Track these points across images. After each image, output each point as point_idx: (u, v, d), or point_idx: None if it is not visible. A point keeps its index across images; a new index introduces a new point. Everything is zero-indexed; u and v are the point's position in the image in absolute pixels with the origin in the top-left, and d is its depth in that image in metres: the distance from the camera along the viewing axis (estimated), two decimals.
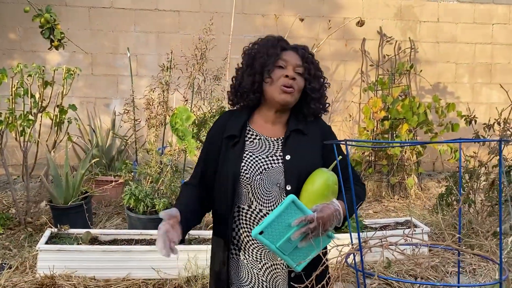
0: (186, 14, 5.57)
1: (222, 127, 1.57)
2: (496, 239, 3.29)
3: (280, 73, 1.49)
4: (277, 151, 1.52)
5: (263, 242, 1.31)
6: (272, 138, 1.56)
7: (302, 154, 1.51)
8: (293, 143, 1.52)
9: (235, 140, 1.52)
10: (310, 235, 1.32)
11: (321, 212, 1.35)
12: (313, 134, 1.55)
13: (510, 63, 6.32)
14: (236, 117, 1.57)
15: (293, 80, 1.49)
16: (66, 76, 3.96)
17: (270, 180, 1.49)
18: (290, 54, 1.52)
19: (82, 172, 3.88)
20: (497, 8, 6.20)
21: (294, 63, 1.51)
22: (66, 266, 2.91)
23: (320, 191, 1.42)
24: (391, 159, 5.20)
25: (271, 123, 1.57)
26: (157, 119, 3.81)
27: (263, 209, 1.49)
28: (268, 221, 1.29)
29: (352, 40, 5.92)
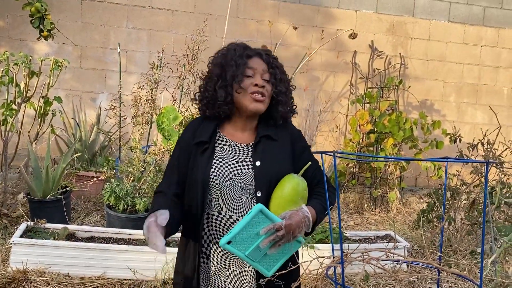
0: (180, 14, 5.54)
1: (192, 133, 1.56)
2: (473, 258, 3.32)
3: (249, 82, 1.50)
4: (247, 157, 1.52)
5: (232, 251, 1.30)
6: (242, 144, 1.55)
7: (272, 160, 1.51)
8: (263, 149, 1.52)
9: (205, 147, 1.51)
10: (279, 242, 1.33)
11: (290, 219, 1.34)
12: (283, 139, 1.56)
13: (496, 85, 6.44)
14: (206, 123, 1.56)
15: (263, 88, 1.50)
16: (53, 67, 3.90)
17: (240, 186, 1.48)
18: (256, 61, 1.53)
19: (63, 166, 3.81)
20: (486, 30, 6.32)
21: (261, 70, 1.52)
22: (40, 261, 2.84)
23: (289, 197, 1.42)
24: (374, 172, 5.23)
25: (241, 129, 1.57)
26: (143, 117, 3.77)
27: (233, 215, 1.47)
28: (236, 231, 1.29)
29: (343, 52, 5.96)
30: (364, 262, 1.40)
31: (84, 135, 4.77)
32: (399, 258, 1.42)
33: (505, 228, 1.64)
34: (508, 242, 1.52)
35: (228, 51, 1.55)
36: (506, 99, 6.48)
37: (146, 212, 3.52)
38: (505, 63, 6.43)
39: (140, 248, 2.98)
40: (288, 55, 5.66)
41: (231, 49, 1.55)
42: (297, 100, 1.73)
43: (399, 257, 1.43)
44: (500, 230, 1.63)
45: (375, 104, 5.45)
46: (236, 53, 1.52)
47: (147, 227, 1.34)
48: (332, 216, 4.44)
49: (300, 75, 5.55)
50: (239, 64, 1.50)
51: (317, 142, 5.71)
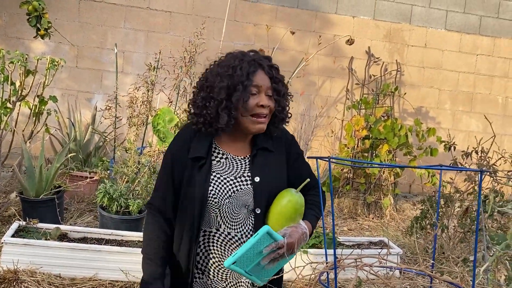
0: (178, 16, 5.54)
1: (186, 145, 1.48)
2: (465, 266, 3.33)
3: (254, 102, 1.42)
4: (245, 171, 1.48)
5: (235, 270, 1.32)
6: (239, 157, 1.51)
7: (271, 175, 1.48)
8: (261, 162, 1.49)
9: (202, 162, 1.45)
10: (278, 258, 1.36)
11: (290, 238, 1.37)
12: (278, 148, 1.54)
13: (490, 93, 6.48)
14: (200, 134, 1.49)
15: (267, 108, 1.46)
16: (49, 66, 3.89)
17: (239, 203, 1.45)
18: (261, 77, 1.44)
19: (57, 166, 3.78)
20: (482, 39, 6.37)
21: (265, 87, 1.45)
22: (31, 262, 2.82)
23: (288, 215, 1.43)
24: (369, 178, 5.24)
25: (238, 141, 1.52)
26: (139, 118, 3.76)
27: (231, 232, 1.45)
28: (242, 253, 1.30)
29: (340, 57, 5.98)
30: (357, 269, 1.40)
31: (79, 135, 4.74)
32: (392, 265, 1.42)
33: (497, 236, 1.65)
34: (500, 251, 1.53)
35: (234, 71, 1.42)
36: (500, 108, 6.52)
37: (140, 214, 3.51)
38: (500, 72, 6.47)
39: (133, 249, 2.97)
40: (285, 59, 5.67)
41: (236, 67, 1.43)
42: (293, 104, 1.73)
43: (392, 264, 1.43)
44: (492, 239, 1.64)
45: (371, 110, 5.47)
46: (243, 73, 1.41)
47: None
48: (326, 222, 4.44)
49: (296, 80, 5.56)
50: (247, 85, 1.41)
51: (312, 147, 5.71)
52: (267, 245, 1.32)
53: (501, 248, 1.54)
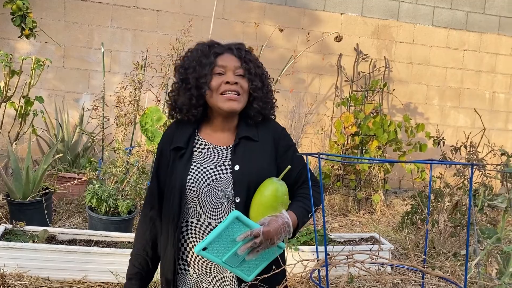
0: (165, 14, 5.50)
1: (170, 138, 1.50)
2: (456, 260, 3.35)
3: (220, 81, 1.42)
4: (225, 160, 1.46)
5: (208, 257, 1.27)
6: (221, 147, 1.49)
7: (252, 163, 1.44)
8: (243, 152, 1.45)
9: (182, 152, 1.45)
10: (257, 248, 1.29)
11: (268, 226, 1.30)
12: (264, 139, 1.49)
13: (478, 89, 6.53)
14: (182, 127, 1.50)
15: (236, 85, 1.42)
16: (35, 66, 3.82)
17: (218, 192, 1.42)
18: (227, 58, 1.44)
19: (44, 167, 3.73)
20: (469, 35, 6.41)
21: (233, 66, 1.43)
22: (18, 265, 2.78)
23: (269, 203, 1.37)
24: (359, 174, 5.26)
25: (220, 130, 1.50)
26: (126, 118, 3.72)
27: (212, 222, 1.43)
28: (210, 238, 1.26)
29: (329, 54, 5.98)
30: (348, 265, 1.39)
31: (67, 136, 4.69)
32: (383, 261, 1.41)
33: (488, 230, 1.65)
34: (491, 244, 1.53)
35: (191, 53, 1.47)
36: (487, 103, 6.58)
37: (129, 214, 3.47)
38: (487, 67, 6.53)
39: (122, 250, 2.93)
40: (274, 57, 5.66)
41: (194, 49, 1.47)
42: (283, 102, 1.71)
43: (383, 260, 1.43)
44: (483, 233, 1.64)
45: (360, 106, 5.49)
46: (200, 53, 1.44)
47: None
48: (317, 218, 4.44)
49: (286, 77, 5.55)
50: (205, 63, 1.42)
51: (302, 144, 5.71)
52: (242, 233, 1.27)
53: (492, 241, 1.54)
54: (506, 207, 1.57)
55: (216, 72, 1.42)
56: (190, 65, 1.45)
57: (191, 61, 1.45)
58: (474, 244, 1.59)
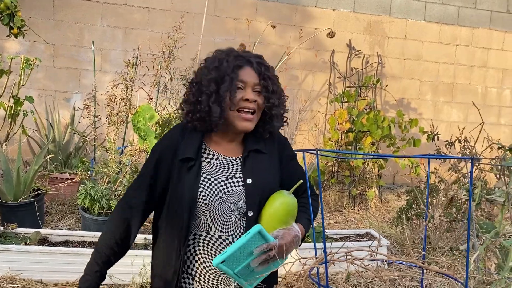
0: (156, 12, 5.44)
1: (173, 145, 1.44)
2: (452, 255, 3.35)
3: (239, 96, 1.40)
4: (236, 173, 1.43)
5: (223, 270, 1.26)
6: (231, 157, 1.46)
7: (263, 176, 1.44)
8: (253, 164, 1.44)
9: (191, 163, 1.40)
10: (269, 260, 1.30)
11: (283, 240, 1.32)
12: (271, 151, 1.50)
13: (470, 83, 6.55)
14: (189, 135, 1.45)
15: (254, 103, 1.41)
16: (24, 66, 3.77)
17: (230, 205, 1.40)
18: (247, 72, 1.42)
19: (36, 168, 3.67)
20: (460, 30, 6.42)
21: (252, 83, 1.42)
22: (10, 268, 2.73)
23: (280, 217, 1.39)
24: (353, 171, 5.25)
25: (228, 141, 1.48)
26: (118, 117, 3.67)
27: (222, 235, 1.40)
28: (232, 251, 1.24)
29: (322, 51, 5.96)
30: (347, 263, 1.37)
31: (58, 136, 4.63)
32: (382, 258, 1.39)
33: (486, 225, 1.64)
34: (490, 239, 1.51)
35: (220, 64, 1.42)
36: (480, 98, 6.60)
37: None
38: (479, 62, 6.55)
39: None
40: (267, 53, 5.61)
41: (223, 60, 1.42)
42: None
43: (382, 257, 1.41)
44: (481, 227, 1.63)
45: (353, 103, 5.47)
46: (229, 65, 1.41)
47: None
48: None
49: (279, 74, 5.47)
50: (232, 78, 1.39)
51: (296, 141, 5.69)
52: (258, 246, 1.27)
53: (490, 236, 1.52)
54: (504, 201, 1.56)
55: (237, 86, 1.41)
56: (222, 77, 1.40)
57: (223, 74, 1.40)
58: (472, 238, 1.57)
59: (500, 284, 1.37)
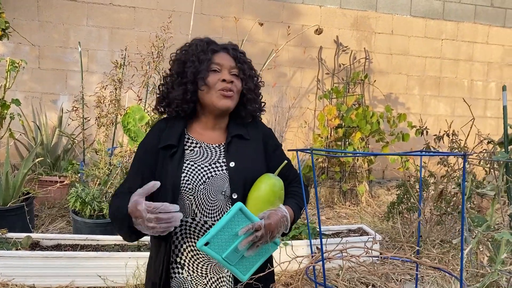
0: (142, 11, 5.40)
1: (157, 136, 1.46)
2: (442, 247, 3.39)
3: (216, 78, 1.43)
4: (220, 158, 1.45)
5: (208, 253, 1.23)
6: (214, 145, 1.48)
7: (246, 160, 1.45)
8: (236, 149, 1.46)
9: (173, 150, 1.42)
10: (258, 243, 1.27)
11: (269, 219, 1.29)
12: (255, 138, 1.51)
13: (456, 77, 6.63)
14: (171, 125, 1.47)
15: (231, 83, 1.44)
16: (9, 68, 3.71)
17: (215, 189, 1.40)
18: (223, 56, 1.46)
19: (24, 172, 3.63)
20: (446, 24, 6.49)
21: (228, 65, 1.45)
22: (2, 273, 2.69)
23: (266, 198, 1.37)
24: (343, 166, 5.28)
25: (211, 129, 1.50)
26: (107, 118, 3.64)
27: (208, 221, 1.40)
28: (214, 232, 1.21)
29: (309, 47, 5.98)
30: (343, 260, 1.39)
31: (46, 139, 4.58)
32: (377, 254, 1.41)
33: (478, 218, 1.66)
34: (482, 232, 1.54)
35: (189, 47, 1.47)
36: (466, 91, 6.68)
37: None
38: (465, 56, 6.62)
39: (109, 254, 2.88)
40: (255, 51, 5.62)
41: (193, 44, 1.47)
42: (266, 96, 1.69)
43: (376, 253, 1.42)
44: (473, 221, 1.65)
45: (342, 99, 5.50)
46: (199, 48, 1.45)
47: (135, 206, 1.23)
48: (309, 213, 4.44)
49: (267, 72, 5.52)
50: (202, 59, 1.43)
51: (286, 139, 5.71)
52: (244, 227, 1.24)
53: (482, 229, 1.55)
54: (495, 194, 1.59)
55: (212, 69, 1.43)
56: (188, 59, 1.44)
57: (190, 56, 1.45)
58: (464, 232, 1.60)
59: (492, 277, 1.40)
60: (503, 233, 1.38)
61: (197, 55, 1.44)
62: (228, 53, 1.47)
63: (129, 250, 3.05)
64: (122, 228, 1.34)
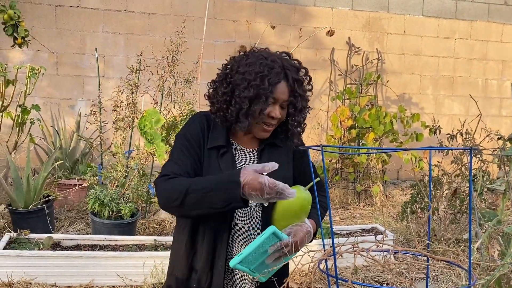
0: (156, 17, 5.50)
1: (200, 131, 1.48)
2: (457, 246, 3.39)
3: (267, 111, 1.42)
4: (253, 163, 1.50)
5: (240, 269, 1.32)
6: (248, 149, 1.54)
7: (279, 168, 1.45)
8: (269, 156, 1.51)
9: (223, 150, 1.47)
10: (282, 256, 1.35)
11: (296, 237, 1.37)
12: (286, 145, 1.55)
13: (470, 76, 6.59)
14: (216, 125, 1.50)
15: (278, 120, 1.46)
16: (29, 75, 3.83)
17: None
18: (281, 89, 1.42)
19: (44, 175, 3.74)
20: (459, 23, 6.46)
21: (282, 99, 1.44)
22: (25, 273, 2.79)
23: (295, 212, 1.43)
24: (357, 167, 5.29)
25: (247, 133, 1.53)
26: (124, 122, 3.73)
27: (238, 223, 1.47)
28: (248, 252, 1.29)
29: (321, 49, 6.01)
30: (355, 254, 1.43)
31: (64, 143, 4.69)
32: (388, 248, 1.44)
33: (488, 213, 1.68)
34: (492, 227, 1.56)
35: (262, 82, 1.39)
36: (480, 90, 6.63)
37: (132, 217, 3.49)
38: (478, 55, 6.58)
39: (128, 253, 2.95)
40: None
41: (264, 78, 1.39)
42: None
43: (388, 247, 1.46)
44: (484, 216, 1.67)
45: (355, 99, 5.52)
46: (270, 86, 1.39)
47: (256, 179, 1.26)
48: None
49: None
50: (268, 96, 1.40)
51: None
52: (272, 244, 1.32)
53: (492, 224, 1.57)
54: (505, 189, 1.61)
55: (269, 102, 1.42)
56: (259, 94, 1.39)
57: (261, 92, 1.39)
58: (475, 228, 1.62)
59: (503, 270, 1.42)
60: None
61: (267, 94, 1.39)
62: (287, 82, 1.43)
63: (146, 249, 3.12)
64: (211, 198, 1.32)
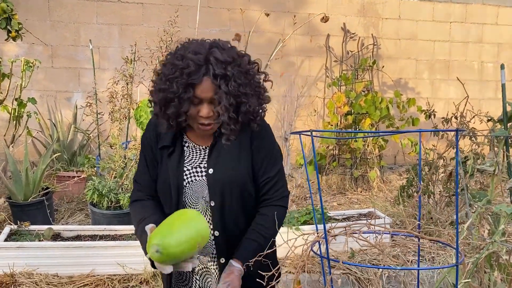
0: (150, 7, 5.48)
1: (153, 132, 1.50)
2: (453, 228, 3.44)
3: (195, 111, 1.37)
4: (201, 162, 1.48)
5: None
6: (201, 146, 1.51)
7: (227, 166, 1.45)
8: (219, 153, 1.46)
9: (170, 150, 1.47)
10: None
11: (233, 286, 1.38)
12: (243, 137, 1.46)
13: (466, 60, 6.59)
14: None
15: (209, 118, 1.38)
16: (25, 68, 3.83)
17: (196, 194, 1.48)
18: (203, 87, 1.33)
19: (43, 168, 3.76)
20: (454, 6, 6.44)
21: (208, 97, 1.35)
22: (27, 264, 2.83)
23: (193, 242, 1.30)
24: (354, 153, 5.32)
25: None
26: (120, 113, 3.75)
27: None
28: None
29: (317, 36, 6.00)
30: (346, 236, 1.46)
31: (62, 135, 4.71)
32: (379, 229, 1.48)
33: (479, 194, 1.72)
34: (482, 207, 1.60)
35: (171, 82, 1.33)
36: (476, 74, 6.64)
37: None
38: (474, 38, 6.57)
39: (127, 242, 2.99)
40: (262, 42, 5.67)
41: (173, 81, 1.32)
42: (274, 86, 1.65)
43: (380, 228, 1.49)
44: (474, 197, 1.70)
45: (351, 86, 5.53)
46: (180, 87, 1.32)
47: None
48: (315, 199, 4.51)
49: (275, 61, 5.57)
50: (182, 100, 1.33)
51: (296, 127, 5.75)
52: None
53: (482, 204, 1.60)
54: (494, 170, 1.64)
55: (193, 102, 1.36)
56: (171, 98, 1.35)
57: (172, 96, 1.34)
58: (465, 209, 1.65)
59: (492, 247, 1.45)
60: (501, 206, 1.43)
61: (179, 95, 1.33)
62: (209, 78, 1.32)
63: None
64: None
